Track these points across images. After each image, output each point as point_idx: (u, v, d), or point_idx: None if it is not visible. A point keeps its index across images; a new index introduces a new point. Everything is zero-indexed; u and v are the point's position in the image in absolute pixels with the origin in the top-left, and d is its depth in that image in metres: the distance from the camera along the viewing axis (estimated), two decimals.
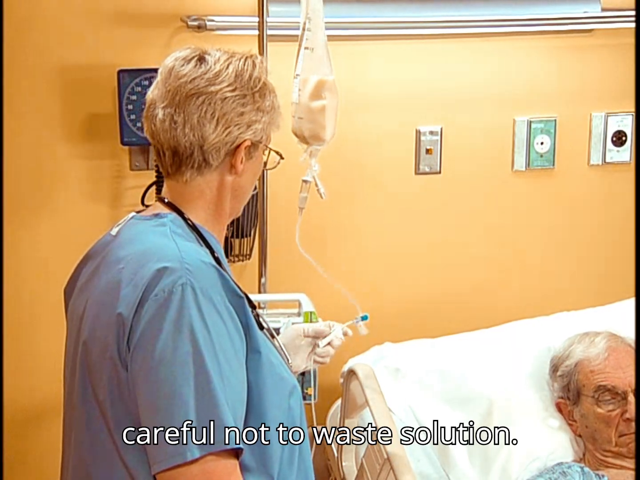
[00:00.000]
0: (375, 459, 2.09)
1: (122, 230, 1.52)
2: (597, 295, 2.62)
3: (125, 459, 1.40)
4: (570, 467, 2.06)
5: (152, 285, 1.38)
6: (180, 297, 1.36)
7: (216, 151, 1.48)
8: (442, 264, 2.66)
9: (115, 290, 1.41)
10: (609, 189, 2.73)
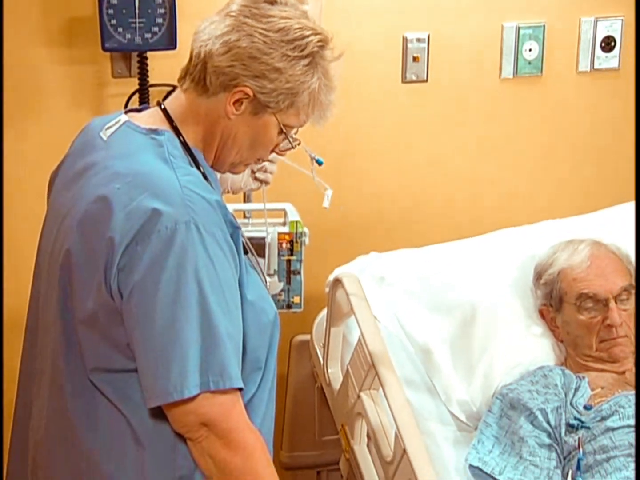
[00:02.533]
0: (361, 366, 2.15)
1: (114, 137, 1.50)
2: (583, 203, 2.65)
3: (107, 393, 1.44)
4: (552, 370, 2.13)
5: (153, 221, 1.37)
6: (184, 235, 1.37)
7: (215, 76, 1.46)
8: (427, 173, 2.69)
9: (107, 210, 1.40)
10: (597, 95, 2.74)
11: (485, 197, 2.74)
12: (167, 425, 1.40)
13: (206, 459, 1.39)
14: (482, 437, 2.07)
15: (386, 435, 2.06)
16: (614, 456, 1.90)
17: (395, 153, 2.66)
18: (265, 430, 1.49)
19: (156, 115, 1.52)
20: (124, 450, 1.42)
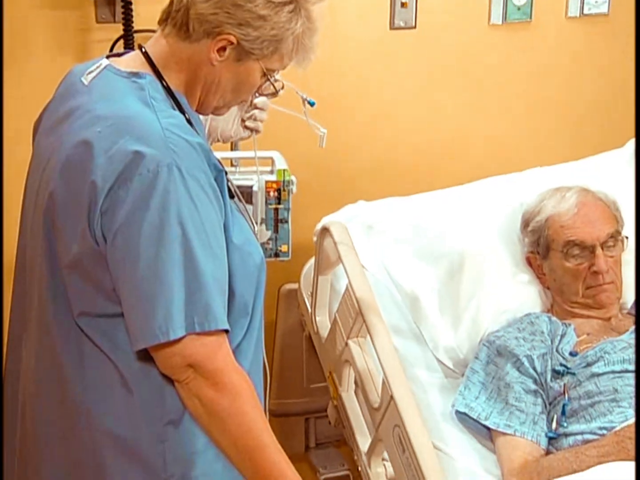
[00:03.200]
0: (348, 313, 2.17)
1: (96, 82, 1.49)
2: (572, 150, 2.66)
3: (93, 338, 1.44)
4: (538, 317, 2.15)
5: (135, 164, 1.37)
6: (166, 178, 1.36)
7: (198, 23, 1.45)
8: (416, 120, 2.68)
9: (89, 154, 1.40)
10: (586, 42, 2.73)
11: (474, 145, 2.74)
12: (154, 369, 1.41)
13: (193, 401, 1.40)
14: (468, 384, 2.09)
15: (373, 382, 2.08)
16: (599, 401, 1.93)
17: (383, 102, 2.65)
18: (254, 374, 1.50)
19: (137, 59, 1.52)
20: (112, 394, 1.43)
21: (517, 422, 1.98)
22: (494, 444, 2.01)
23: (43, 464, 1.50)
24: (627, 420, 1.85)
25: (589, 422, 1.92)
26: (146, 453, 1.43)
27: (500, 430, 1.99)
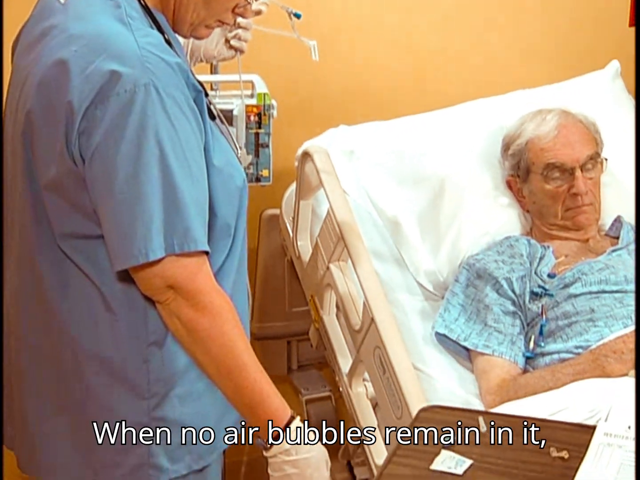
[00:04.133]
0: (330, 238, 2.19)
1: (71, 0, 1.48)
2: (553, 72, 2.65)
3: (75, 259, 1.45)
4: (518, 240, 2.18)
5: (112, 84, 1.36)
6: (143, 98, 1.36)
7: None
8: (396, 44, 2.66)
9: (65, 73, 1.39)
10: None
11: (455, 68, 2.72)
12: (137, 291, 1.43)
13: (174, 321, 1.42)
14: (448, 306, 2.12)
15: (355, 305, 2.11)
16: (576, 321, 1.97)
17: (364, 26, 2.63)
18: (237, 297, 1.52)
19: None
20: (95, 317, 1.45)
21: (496, 343, 2.02)
22: (473, 364, 2.06)
23: (29, 386, 1.52)
24: (602, 339, 1.89)
25: (565, 342, 1.96)
26: (130, 373, 1.45)
27: (478, 350, 2.03)
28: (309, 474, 1.52)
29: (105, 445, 1.45)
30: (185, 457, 1.47)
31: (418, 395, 1.85)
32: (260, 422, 1.49)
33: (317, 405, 2.58)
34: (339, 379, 2.18)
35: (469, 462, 1.40)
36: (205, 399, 1.49)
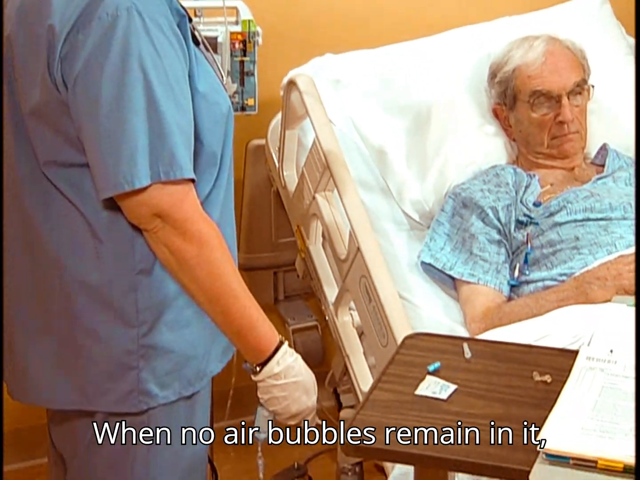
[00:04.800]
0: (316, 167, 2.19)
1: None
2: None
3: (61, 188, 1.44)
4: (504, 169, 2.18)
5: (94, 7, 1.35)
6: (126, 22, 1.34)
7: None
8: None
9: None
10: None
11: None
12: (123, 219, 1.43)
13: (162, 249, 1.42)
14: (434, 235, 2.13)
15: (340, 235, 2.12)
16: (560, 249, 1.98)
17: None
18: (225, 226, 1.52)
19: None
20: (82, 245, 1.45)
21: (481, 271, 2.03)
22: (458, 292, 2.07)
23: (18, 316, 1.52)
24: (586, 266, 1.91)
25: (550, 269, 1.97)
26: (119, 301, 1.46)
27: (464, 279, 2.05)
28: (297, 397, 1.54)
29: (95, 372, 1.47)
30: (175, 383, 1.49)
31: (403, 323, 1.88)
32: (249, 347, 1.50)
33: (303, 335, 2.60)
34: (325, 309, 2.20)
35: (453, 387, 1.42)
36: (194, 326, 1.50)
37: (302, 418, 1.58)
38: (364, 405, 1.40)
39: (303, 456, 2.59)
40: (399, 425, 1.35)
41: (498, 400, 1.39)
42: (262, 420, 1.58)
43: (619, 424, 1.24)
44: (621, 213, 1.99)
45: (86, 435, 1.50)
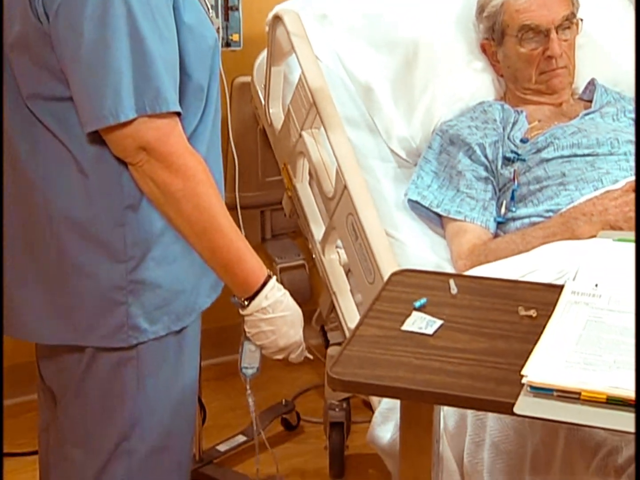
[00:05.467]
0: (302, 105, 2.18)
1: None
2: None
3: (46, 122, 1.43)
4: (491, 105, 2.17)
5: None
6: None
7: None
8: None
9: None
10: None
11: None
12: (110, 154, 1.42)
13: (148, 183, 1.42)
14: (421, 173, 2.13)
15: (327, 173, 2.12)
16: (547, 186, 1.98)
17: None
18: (212, 162, 1.52)
19: None
20: (68, 180, 1.44)
21: (468, 209, 2.04)
22: (445, 230, 2.08)
23: (5, 252, 1.52)
24: (572, 202, 1.92)
25: (536, 206, 1.98)
26: (106, 237, 1.46)
27: (450, 216, 2.05)
28: (285, 331, 1.55)
29: (84, 308, 1.47)
30: (164, 318, 1.50)
31: (390, 260, 1.88)
32: (237, 281, 1.51)
33: (291, 274, 2.62)
34: (312, 247, 2.21)
35: (439, 322, 1.43)
36: (182, 261, 1.50)
37: (289, 352, 1.59)
38: (350, 340, 1.41)
39: (291, 393, 2.62)
40: (386, 360, 1.36)
41: (483, 335, 1.40)
42: (249, 355, 1.59)
43: (603, 357, 1.25)
44: (608, 149, 1.99)
45: (76, 370, 1.51)
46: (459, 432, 1.63)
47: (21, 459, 2.32)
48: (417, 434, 1.41)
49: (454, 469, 1.64)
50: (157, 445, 1.55)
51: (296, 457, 2.43)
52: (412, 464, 1.43)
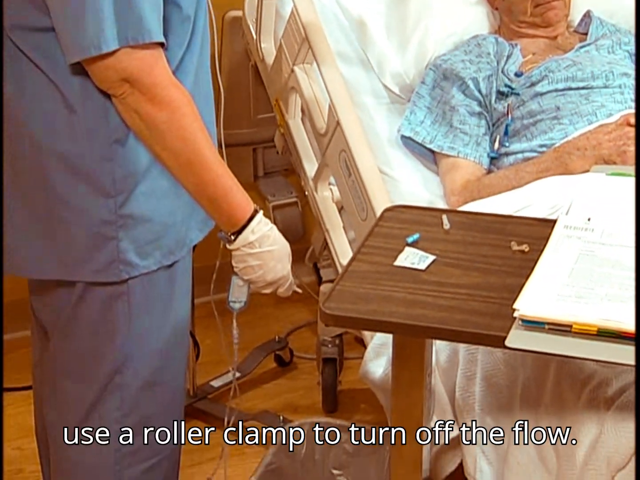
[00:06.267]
0: (294, 39, 2.15)
1: None
2: None
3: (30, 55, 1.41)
4: (485, 39, 2.15)
5: None
6: None
7: None
8: None
9: None
10: None
11: None
12: (96, 87, 1.40)
13: (132, 116, 1.40)
14: (414, 108, 2.12)
15: (320, 109, 2.10)
16: (540, 120, 1.97)
17: None
18: (200, 98, 1.49)
19: None
20: (54, 115, 1.42)
21: (461, 144, 2.03)
22: (438, 166, 2.08)
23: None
24: (566, 136, 1.91)
25: (530, 141, 1.97)
26: (94, 172, 1.44)
27: (444, 152, 2.04)
28: (272, 266, 1.55)
29: (74, 243, 1.47)
30: (155, 252, 1.50)
31: (383, 196, 1.88)
32: (224, 216, 1.50)
33: (283, 211, 2.61)
34: (304, 184, 2.21)
35: (431, 257, 1.43)
36: (172, 195, 1.49)
37: (277, 286, 1.59)
38: (343, 276, 1.42)
39: (284, 330, 2.64)
40: (378, 296, 1.36)
41: (476, 270, 1.40)
42: (237, 290, 1.59)
43: (594, 290, 1.26)
44: (603, 81, 1.97)
45: (66, 305, 1.51)
46: (450, 367, 1.65)
47: (16, 393, 2.34)
48: (409, 368, 1.43)
49: (445, 402, 1.65)
50: (150, 380, 1.56)
51: (289, 392, 2.45)
52: (404, 398, 1.44)
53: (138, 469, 1.58)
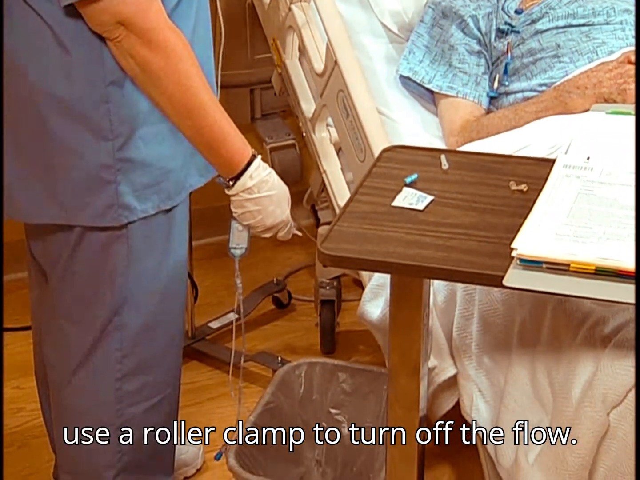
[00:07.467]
0: None
1: None
2: None
3: None
4: None
5: None
6: None
7: None
8: None
9: None
10: None
11: None
12: (90, 30, 1.40)
13: (128, 60, 1.39)
14: (413, 48, 2.10)
15: (317, 48, 2.08)
16: (541, 58, 1.95)
17: None
18: (200, 45, 1.48)
19: None
20: (48, 56, 1.41)
21: (460, 84, 2.01)
22: (437, 106, 2.06)
23: None
24: (567, 75, 1.88)
25: (529, 80, 1.95)
26: (91, 114, 1.44)
27: (443, 92, 2.03)
28: (271, 210, 1.55)
29: (72, 187, 1.47)
30: (153, 197, 1.50)
31: (381, 137, 1.88)
32: (221, 161, 1.50)
33: (281, 153, 2.60)
34: (302, 125, 2.19)
35: (430, 197, 1.43)
36: (170, 140, 1.49)
37: (276, 231, 1.59)
38: (340, 217, 1.42)
39: (282, 272, 2.65)
40: (376, 236, 1.37)
41: (474, 210, 1.40)
42: (237, 235, 1.60)
43: (592, 229, 1.26)
44: (604, 18, 1.95)
45: (64, 249, 1.51)
46: (448, 307, 1.65)
47: (16, 333, 2.36)
48: (407, 308, 1.43)
49: (443, 342, 1.67)
50: (149, 321, 1.57)
51: (288, 334, 2.47)
52: (402, 338, 1.45)
53: (139, 408, 1.60)
